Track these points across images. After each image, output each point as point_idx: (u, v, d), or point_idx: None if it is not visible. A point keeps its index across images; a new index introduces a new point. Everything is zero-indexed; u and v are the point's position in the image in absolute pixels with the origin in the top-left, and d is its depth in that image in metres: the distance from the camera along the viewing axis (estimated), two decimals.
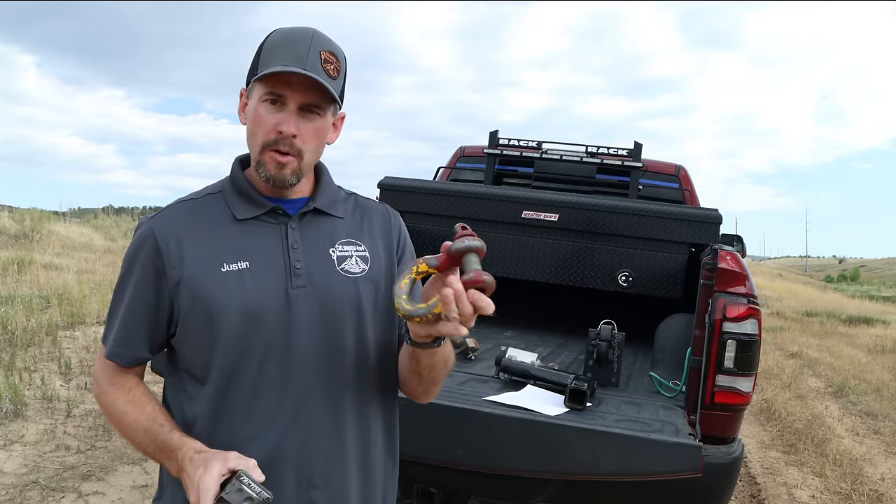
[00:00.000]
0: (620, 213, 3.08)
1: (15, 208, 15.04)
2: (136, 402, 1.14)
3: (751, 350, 2.21)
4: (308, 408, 1.13)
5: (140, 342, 1.16)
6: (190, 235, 1.13)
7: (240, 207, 1.16)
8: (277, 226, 1.16)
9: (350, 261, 1.19)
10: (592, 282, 3.13)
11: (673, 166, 4.49)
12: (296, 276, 1.13)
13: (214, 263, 1.11)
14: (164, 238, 1.12)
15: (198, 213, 1.16)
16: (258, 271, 1.12)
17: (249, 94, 1.14)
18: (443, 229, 3.29)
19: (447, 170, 4.63)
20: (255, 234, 1.15)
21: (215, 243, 1.13)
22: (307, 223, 1.18)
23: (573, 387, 2.20)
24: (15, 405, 3.96)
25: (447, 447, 2.10)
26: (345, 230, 1.22)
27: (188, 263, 1.11)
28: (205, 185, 1.24)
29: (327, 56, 1.11)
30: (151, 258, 1.12)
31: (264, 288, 1.11)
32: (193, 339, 1.13)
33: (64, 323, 5.89)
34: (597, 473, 2.05)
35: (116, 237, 14.43)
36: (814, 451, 4.86)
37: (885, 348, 9.90)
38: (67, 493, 3.16)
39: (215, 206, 1.17)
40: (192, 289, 1.10)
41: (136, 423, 1.12)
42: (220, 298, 1.10)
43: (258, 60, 1.11)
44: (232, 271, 1.11)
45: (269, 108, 1.10)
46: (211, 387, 1.12)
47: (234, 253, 1.12)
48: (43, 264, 8.63)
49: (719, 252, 2.35)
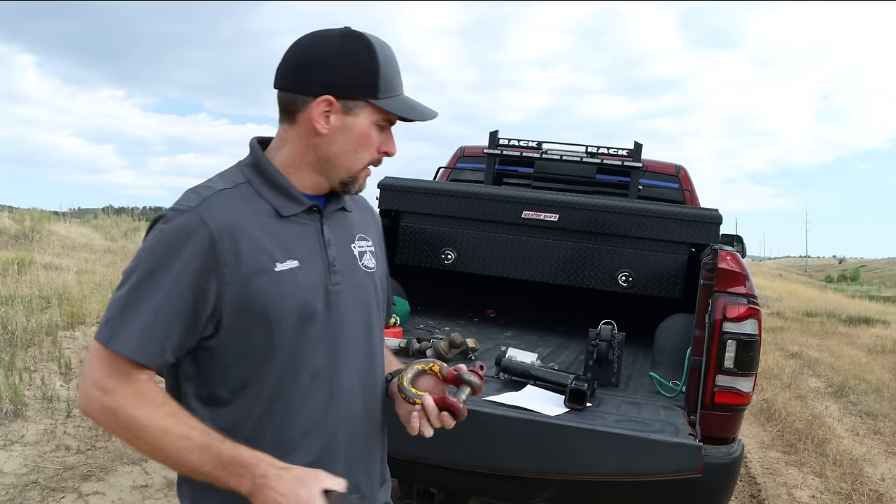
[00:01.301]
0: (620, 214, 3.09)
1: (15, 208, 15.05)
2: (176, 415, 1.02)
3: (751, 350, 2.21)
4: (352, 402, 1.17)
5: (171, 343, 1.03)
6: (241, 230, 1.06)
7: (281, 203, 1.12)
8: (313, 223, 1.16)
9: (366, 256, 1.23)
10: (592, 282, 3.13)
11: (673, 166, 4.49)
12: (333, 272, 1.15)
13: (268, 262, 1.07)
14: (219, 231, 1.04)
15: (242, 207, 1.09)
16: (307, 269, 1.11)
17: (352, 110, 1.10)
18: (443, 229, 3.30)
19: (447, 170, 4.63)
20: (298, 231, 1.13)
21: (265, 241, 1.08)
22: (334, 219, 1.19)
23: (573, 387, 2.20)
24: (15, 405, 3.95)
25: (447, 447, 2.10)
26: (356, 225, 1.25)
27: (244, 261, 1.05)
28: (219, 172, 1.17)
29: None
30: (202, 252, 1.03)
31: (312, 286, 1.11)
32: (241, 341, 1.07)
33: (64, 323, 5.89)
34: (597, 473, 2.05)
35: (116, 237, 14.43)
36: (814, 451, 4.86)
37: (885, 348, 9.90)
38: (67, 493, 3.16)
39: (253, 200, 1.11)
40: (247, 289, 1.05)
41: (185, 441, 1.00)
42: (277, 298, 1.07)
43: (378, 81, 1.10)
44: (286, 270, 1.08)
45: (378, 131, 1.14)
46: (258, 389, 1.09)
47: (283, 251, 1.09)
48: (43, 264, 8.63)
49: (719, 252, 2.35)
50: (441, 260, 3.27)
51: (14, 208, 15.14)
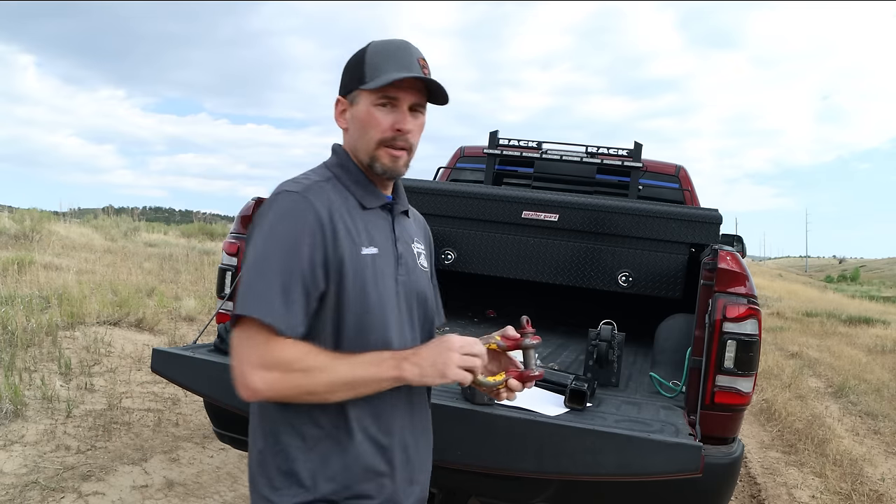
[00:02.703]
0: (620, 214, 3.08)
1: (15, 208, 15.06)
2: (321, 349, 1.17)
3: (751, 350, 2.21)
4: (415, 390, 1.29)
5: (306, 314, 1.17)
6: (336, 216, 1.21)
7: (365, 196, 1.28)
8: (387, 218, 1.31)
9: (422, 258, 1.38)
10: (592, 282, 3.13)
11: (673, 166, 4.49)
12: (401, 265, 1.29)
13: (356, 245, 1.22)
14: (322, 213, 1.19)
15: (334, 196, 1.24)
16: (383, 257, 1.26)
17: (354, 100, 1.27)
18: (443, 229, 3.30)
19: (447, 170, 4.63)
20: (377, 223, 1.29)
21: (354, 227, 1.23)
22: (400, 219, 1.35)
23: (573, 387, 2.20)
24: (15, 405, 3.95)
25: (447, 447, 2.10)
26: (414, 230, 1.41)
27: (340, 243, 1.19)
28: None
29: (423, 62, 1.27)
30: (313, 230, 1.17)
31: (386, 273, 1.26)
32: (337, 318, 1.19)
33: (64, 323, 5.89)
34: (597, 474, 2.05)
35: (116, 237, 14.44)
36: (814, 451, 4.86)
37: (885, 348, 9.91)
38: (67, 494, 3.16)
39: (340, 193, 1.26)
40: (344, 269, 1.18)
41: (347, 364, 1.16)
42: (364, 281, 1.21)
43: (363, 71, 1.25)
44: (368, 255, 1.23)
45: (382, 110, 1.25)
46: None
47: (367, 238, 1.24)
48: (43, 264, 8.63)
49: (719, 252, 2.35)
50: (441, 260, 3.27)
51: (14, 208, 15.15)
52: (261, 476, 1.23)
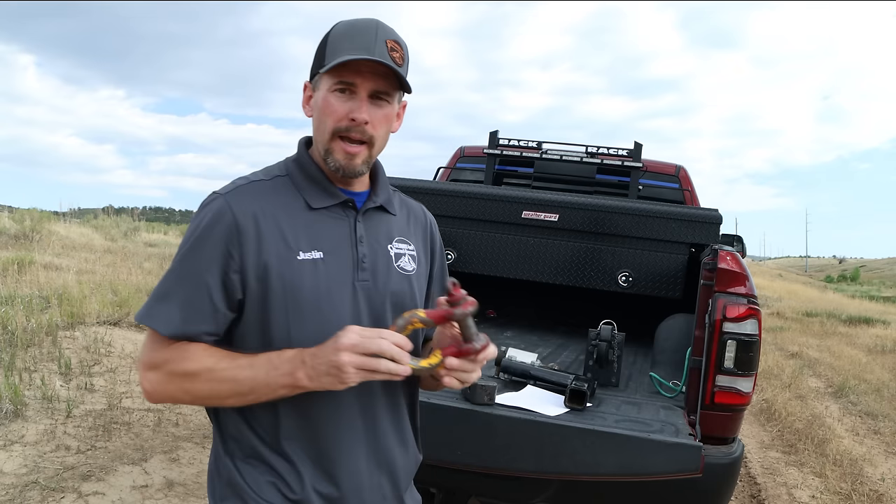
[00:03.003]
0: (620, 214, 3.08)
1: (15, 208, 15.06)
2: (214, 352, 1.09)
3: (751, 350, 2.21)
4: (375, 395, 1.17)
5: (209, 320, 1.09)
6: (266, 219, 1.11)
7: (313, 196, 1.16)
8: (346, 218, 1.18)
9: (403, 259, 1.23)
10: (592, 282, 3.13)
11: (673, 166, 4.49)
12: (362, 269, 1.16)
13: (291, 251, 1.11)
14: (243, 217, 1.10)
15: (271, 197, 1.14)
16: (331, 262, 1.13)
17: (316, 86, 1.16)
18: (443, 229, 3.29)
19: (447, 170, 4.63)
20: (327, 224, 1.16)
21: (291, 231, 1.12)
22: (370, 217, 1.21)
23: (573, 387, 2.20)
24: (15, 405, 3.95)
25: (447, 447, 2.10)
26: (398, 228, 1.26)
27: (265, 248, 1.10)
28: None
29: (393, 44, 1.12)
30: (227, 235, 1.09)
31: (336, 279, 1.13)
32: (262, 327, 1.10)
33: (64, 323, 5.88)
34: (597, 474, 2.05)
35: (116, 237, 14.44)
36: (814, 451, 4.86)
37: (885, 348, 9.90)
38: (67, 494, 3.16)
39: (286, 192, 1.16)
40: (269, 275, 1.09)
41: (233, 365, 1.06)
42: (297, 288, 1.10)
43: (324, 52, 1.13)
44: (307, 260, 1.11)
45: (339, 96, 1.12)
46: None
47: (308, 242, 1.13)
48: (43, 264, 8.63)
49: (719, 252, 2.35)
50: None
51: (14, 208, 15.15)
52: (210, 483, 1.19)
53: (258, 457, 1.13)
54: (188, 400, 1.09)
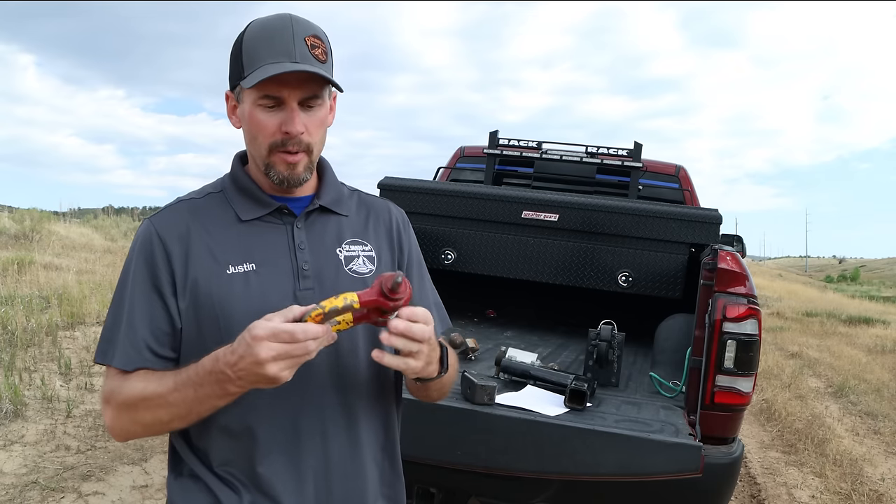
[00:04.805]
0: (620, 214, 3.08)
1: (15, 208, 15.06)
2: (151, 376, 1.05)
3: (751, 350, 2.21)
4: (325, 413, 1.10)
5: (155, 344, 1.07)
6: (194, 237, 1.09)
7: (244, 207, 1.12)
8: (283, 225, 1.13)
9: (357, 261, 1.17)
10: (592, 282, 3.13)
11: (673, 166, 4.50)
12: (303, 277, 1.10)
13: (220, 266, 1.07)
14: (169, 238, 1.08)
15: (201, 214, 1.12)
16: (265, 273, 1.09)
17: (239, 98, 1.10)
18: (443, 229, 3.30)
19: (447, 170, 4.63)
20: (261, 235, 1.11)
21: (220, 245, 1.09)
22: (313, 222, 1.16)
23: (573, 387, 2.20)
24: (15, 405, 3.95)
25: (447, 447, 2.10)
26: (351, 229, 1.19)
27: (193, 265, 1.07)
28: (204, 184, 1.21)
29: (313, 41, 1.06)
30: (154, 258, 1.07)
31: (272, 290, 1.08)
32: (199, 346, 1.05)
33: (64, 323, 5.89)
34: (597, 474, 2.05)
35: (116, 237, 14.43)
36: (814, 451, 4.86)
37: (885, 348, 9.90)
38: (67, 494, 3.16)
39: (218, 207, 1.13)
40: (198, 292, 1.06)
41: (165, 388, 1.01)
42: (227, 302, 1.06)
43: (242, 61, 1.06)
44: (238, 273, 1.07)
45: (267, 111, 1.06)
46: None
47: (239, 255, 1.09)
48: (43, 264, 8.63)
49: (719, 252, 2.35)
50: (441, 260, 3.27)
51: (14, 208, 15.15)
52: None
53: (197, 478, 1.09)
54: (142, 432, 1.06)
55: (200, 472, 1.09)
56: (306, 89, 1.06)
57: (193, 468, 1.10)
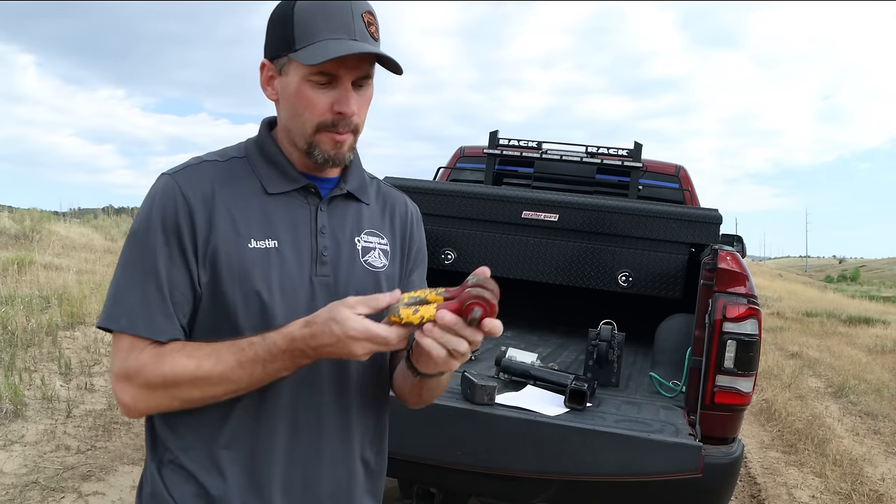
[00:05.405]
0: (620, 214, 3.08)
1: (15, 208, 15.06)
2: (197, 348, 0.99)
3: (751, 350, 2.21)
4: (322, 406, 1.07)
5: (176, 310, 1.00)
6: (218, 201, 1.02)
7: (271, 180, 1.06)
8: (307, 206, 1.08)
9: (373, 253, 1.13)
10: (592, 282, 3.13)
11: (673, 166, 4.50)
12: (321, 263, 1.06)
13: (242, 239, 1.02)
14: (193, 197, 1.01)
15: (225, 178, 1.05)
16: (286, 252, 1.04)
17: (282, 69, 1.03)
18: (443, 229, 3.30)
19: (447, 170, 4.64)
20: (285, 211, 1.06)
21: (244, 216, 1.03)
22: (335, 206, 1.11)
23: (573, 387, 2.20)
24: (15, 405, 3.95)
25: (447, 447, 2.10)
26: (369, 219, 1.15)
27: (215, 233, 1.01)
28: (225, 147, 1.14)
29: (368, 18, 1.01)
30: (178, 216, 1.00)
31: (291, 272, 1.04)
32: (212, 316, 1.02)
33: (64, 323, 5.89)
34: (597, 474, 2.05)
35: (116, 237, 14.43)
36: (814, 451, 4.86)
37: (885, 348, 9.90)
38: (67, 494, 3.16)
39: (243, 174, 1.06)
40: (217, 263, 1.00)
41: (218, 361, 0.96)
42: (247, 275, 1.01)
43: (293, 32, 0.99)
44: (259, 249, 1.02)
45: (318, 88, 1.01)
46: None
47: (262, 229, 1.03)
48: (43, 264, 8.63)
49: (719, 252, 2.35)
50: (441, 260, 3.27)
51: (14, 208, 15.15)
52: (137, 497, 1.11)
53: (181, 465, 1.04)
54: (177, 406, 1.00)
55: (184, 459, 1.04)
56: (362, 69, 1.02)
57: (178, 455, 1.05)
